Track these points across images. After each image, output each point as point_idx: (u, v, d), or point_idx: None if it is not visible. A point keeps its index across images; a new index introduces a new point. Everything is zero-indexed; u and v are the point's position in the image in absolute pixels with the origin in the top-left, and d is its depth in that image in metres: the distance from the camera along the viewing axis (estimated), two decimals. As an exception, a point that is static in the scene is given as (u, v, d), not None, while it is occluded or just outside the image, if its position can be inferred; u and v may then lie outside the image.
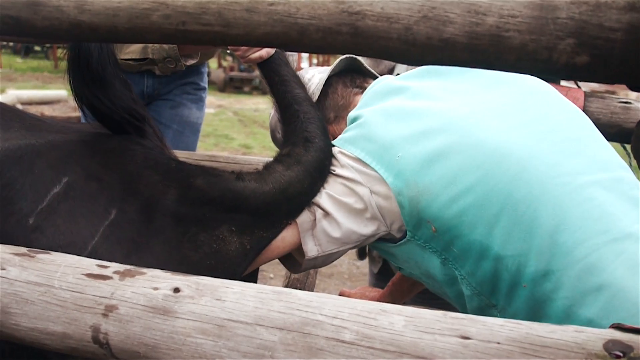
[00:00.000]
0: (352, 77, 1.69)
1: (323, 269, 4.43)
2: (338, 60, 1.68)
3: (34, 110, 10.20)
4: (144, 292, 0.90)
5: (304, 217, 1.33)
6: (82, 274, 0.94)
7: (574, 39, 0.67)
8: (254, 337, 0.82)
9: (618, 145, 2.20)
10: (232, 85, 16.68)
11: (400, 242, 1.35)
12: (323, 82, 1.62)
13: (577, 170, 1.22)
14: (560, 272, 1.15)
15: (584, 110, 2.03)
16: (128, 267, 0.97)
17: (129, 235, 1.16)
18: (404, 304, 2.04)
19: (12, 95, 10.87)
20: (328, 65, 1.80)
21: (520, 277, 1.19)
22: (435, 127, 1.29)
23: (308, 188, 1.31)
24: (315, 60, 21.69)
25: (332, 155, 1.39)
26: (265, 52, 1.48)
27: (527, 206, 1.18)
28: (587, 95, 2.07)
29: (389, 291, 1.95)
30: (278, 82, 1.45)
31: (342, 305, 0.83)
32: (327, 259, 1.40)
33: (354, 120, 1.43)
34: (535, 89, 1.43)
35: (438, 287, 1.41)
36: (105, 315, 0.89)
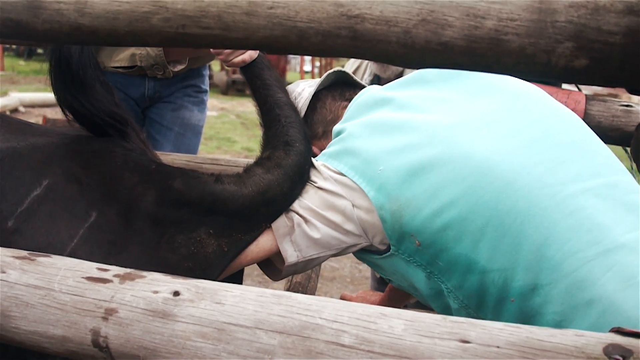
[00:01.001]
0: (342, 90, 1.67)
1: (325, 272, 4.43)
2: (327, 74, 1.66)
3: (36, 113, 10.21)
4: (143, 296, 0.90)
5: (280, 223, 1.32)
6: (82, 277, 0.94)
7: (573, 42, 0.67)
8: (253, 341, 0.82)
9: (620, 148, 2.20)
10: (234, 88, 16.67)
11: (385, 255, 1.33)
12: (310, 96, 1.60)
13: (566, 178, 1.19)
14: (549, 286, 1.12)
15: (585, 113, 2.03)
16: (128, 270, 0.97)
17: (108, 237, 1.17)
18: (405, 307, 2.04)
19: (14, 97, 10.87)
20: (331, 67, 1.79)
21: (508, 291, 1.17)
22: (418, 140, 1.26)
23: (287, 192, 1.31)
24: (317, 63, 21.71)
25: (312, 160, 1.38)
26: (248, 55, 1.47)
27: (514, 219, 1.15)
28: (589, 98, 2.07)
29: (388, 296, 1.94)
30: (260, 86, 1.45)
31: (341, 309, 0.83)
32: (307, 265, 1.38)
33: (338, 134, 1.42)
34: (524, 94, 1.40)
35: (424, 301, 1.40)
36: (105, 318, 0.89)
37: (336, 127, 1.44)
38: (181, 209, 1.23)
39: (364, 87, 1.68)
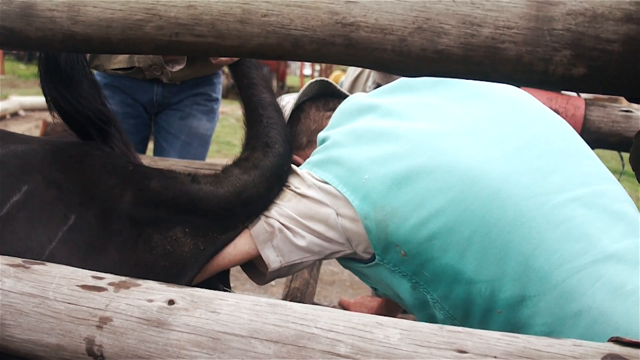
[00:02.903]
0: (326, 100, 1.66)
1: (325, 277, 4.43)
2: (308, 83, 1.66)
3: (36, 116, 10.20)
4: (138, 304, 0.90)
5: (260, 229, 1.30)
6: (77, 286, 0.94)
7: (571, 50, 0.66)
8: (248, 350, 0.82)
9: (615, 152, 2.21)
10: (234, 92, 16.63)
11: (370, 264, 1.31)
12: (292, 107, 1.59)
13: (554, 188, 1.18)
14: (538, 297, 1.11)
15: (584, 119, 2.03)
16: (123, 278, 0.96)
17: (86, 239, 1.17)
18: (405, 311, 2.03)
19: (15, 101, 10.86)
20: (331, 71, 1.79)
21: (495, 303, 1.15)
22: (403, 148, 1.25)
23: (264, 192, 1.30)
24: (318, 67, 21.69)
25: (291, 162, 1.37)
26: None
27: (501, 229, 1.14)
28: (588, 103, 2.07)
29: (386, 301, 1.93)
30: (247, 85, 1.45)
31: (337, 318, 0.83)
32: (290, 269, 1.37)
33: (323, 141, 1.40)
34: (511, 100, 1.38)
35: (409, 311, 1.38)
36: (99, 327, 0.89)
37: (320, 135, 1.43)
38: (158, 209, 1.23)
39: (348, 97, 1.68)
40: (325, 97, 1.68)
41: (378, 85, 3.13)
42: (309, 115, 1.63)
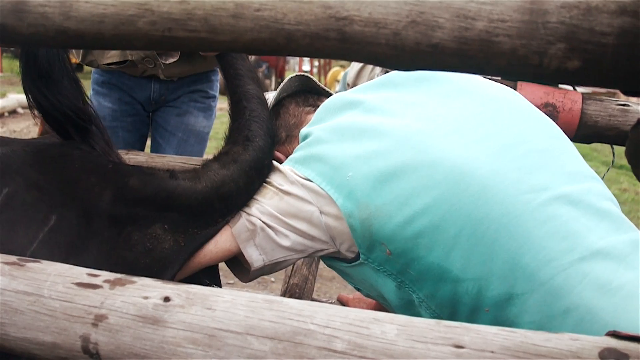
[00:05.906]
0: (306, 96, 1.66)
1: (324, 272, 4.43)
2: (289, 78, 1.66)
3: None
4: (134, 301, 0.89)
5: (241, 227, 1.29)
6: (72, 283, 0.94)
7: (565, 43, 0.66)
8: (244, 347, 0.81)
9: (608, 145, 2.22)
10: (232, 89, 16.60)
11: (354, 263, 1.30)
12: (272, 103, 1.58)
13: (540, 185, 1.17)
14: (525, 295, 1.11)
15: (582, 113, 2.02)
16: (118, 275, 0.96)
17: (67, 239, 1.17)
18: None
19: (13, 99, 10.86)
20: (330, 67, 1.80)
21: (482, 301, 1.15)
22: (388, 145, 1.23)
23: (243, 187, 1.29)
24: (317, 63, 21.68)
25: (272, 156, 1.36)
26: None
27: (487, 227, 1.13)
28: (585, 97, 2.06)
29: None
30: (233, 76, 1.45)
31: (334, 314, 0.82)
32: (274, 267, 1.36)
33: (305, 137, 1.39)
34: (497, 98, 1.37)
35: (393, 312, 1.38)
36: (95, 324, 0.88)
37: (303, 131, 1.42)
38: (137, 206, 1.22)
39: (329, 93, 1.68)
40: (305, 93, 1.68)
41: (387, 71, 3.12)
42: (288, 110, 1.63)
